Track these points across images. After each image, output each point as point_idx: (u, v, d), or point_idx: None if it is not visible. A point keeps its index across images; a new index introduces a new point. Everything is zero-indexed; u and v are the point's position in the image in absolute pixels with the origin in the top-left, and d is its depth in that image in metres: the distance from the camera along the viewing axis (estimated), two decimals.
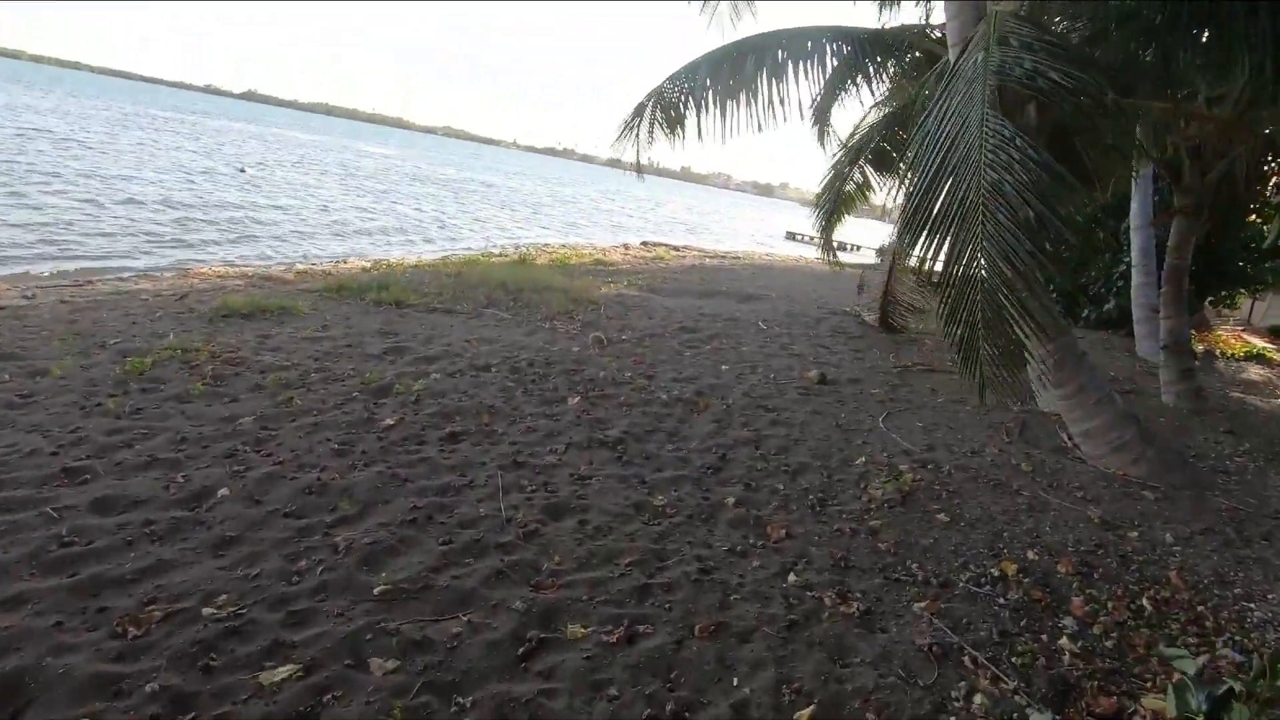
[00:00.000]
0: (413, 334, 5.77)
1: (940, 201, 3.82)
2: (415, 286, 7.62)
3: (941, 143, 3.90)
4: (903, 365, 7.09)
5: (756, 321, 8.34)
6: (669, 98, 7.07)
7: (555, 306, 7.34)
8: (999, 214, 3.42)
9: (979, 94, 3.74)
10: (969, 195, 3.57)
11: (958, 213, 3.70)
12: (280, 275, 7.85)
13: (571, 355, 5.71)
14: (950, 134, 3.86)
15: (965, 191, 3.57)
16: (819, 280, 14.76)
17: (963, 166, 3.66)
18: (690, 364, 5.99)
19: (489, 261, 10.49)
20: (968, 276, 3.67)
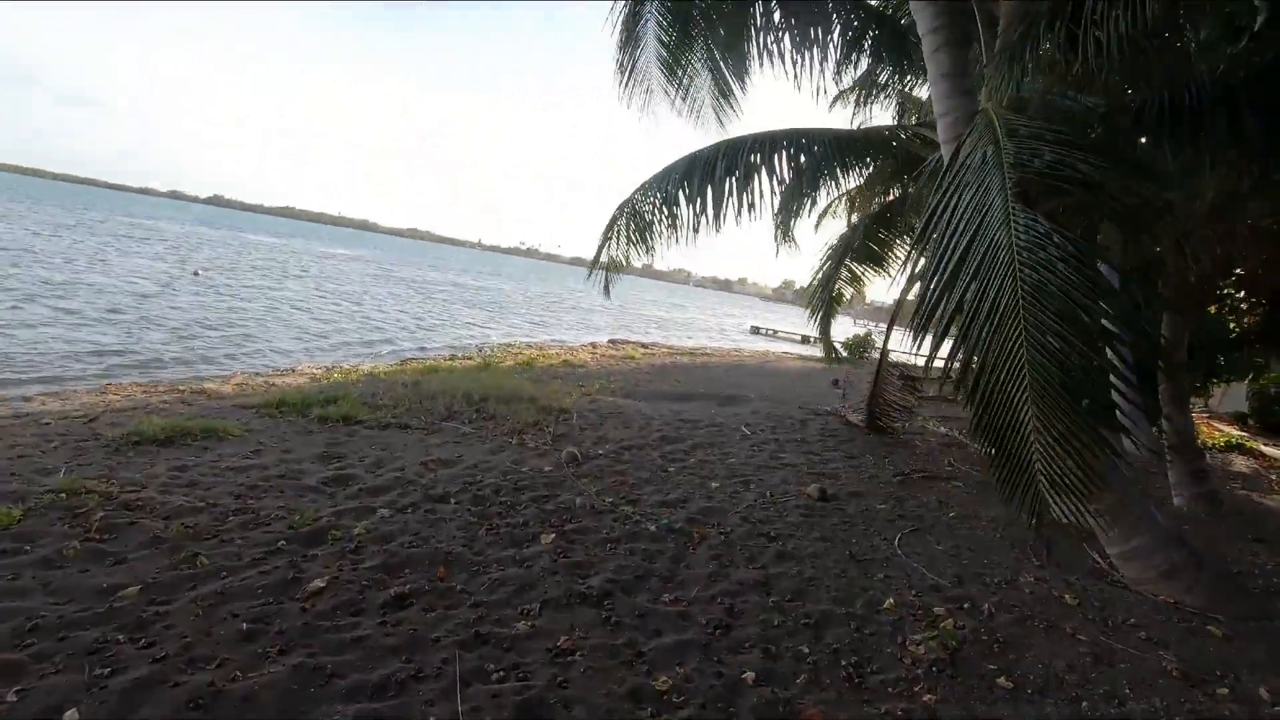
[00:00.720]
0: (360, 457, 5.04)
1: (965, 303, 3.42)
2: (368, 398, 6.92)
3: (955, 243, 3.55)
4: (902, 473, 6.56)
5: (740, 427, 7.80)
6: (640, 209, 6.85)
7: (523, 417, 6.70)
8: (1043, 315, 3.00)
9: (996, 188, 3.42)
10: (1002, 298, 3.17)
11: (990, 318, 3.28)
12: (215, 389, 7.09)
13: (543, 476, 5.03)
14: (965, 232, 3.51)
15: (997, 294, 3.17)
16: (794, 378, 14.46)
17: (989, 267, 3.27)
18: (677, 482, 5.35)
19: (450, 367, 9.86)
20: (1004, 387, 3.21)
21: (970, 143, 3.99)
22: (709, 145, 6.67)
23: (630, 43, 7.01)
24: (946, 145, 4.49)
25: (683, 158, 6.83)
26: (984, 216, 3.45)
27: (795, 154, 6.60)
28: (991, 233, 3.36)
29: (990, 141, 3.71)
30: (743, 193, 6.46)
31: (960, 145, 4.20)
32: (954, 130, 4.41)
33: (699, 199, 6.44)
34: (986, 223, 3.41)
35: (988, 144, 3.74)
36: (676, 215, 6.63)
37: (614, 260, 7.01)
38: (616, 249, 6.98)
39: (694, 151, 6.75)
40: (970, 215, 3.51)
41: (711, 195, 6.42)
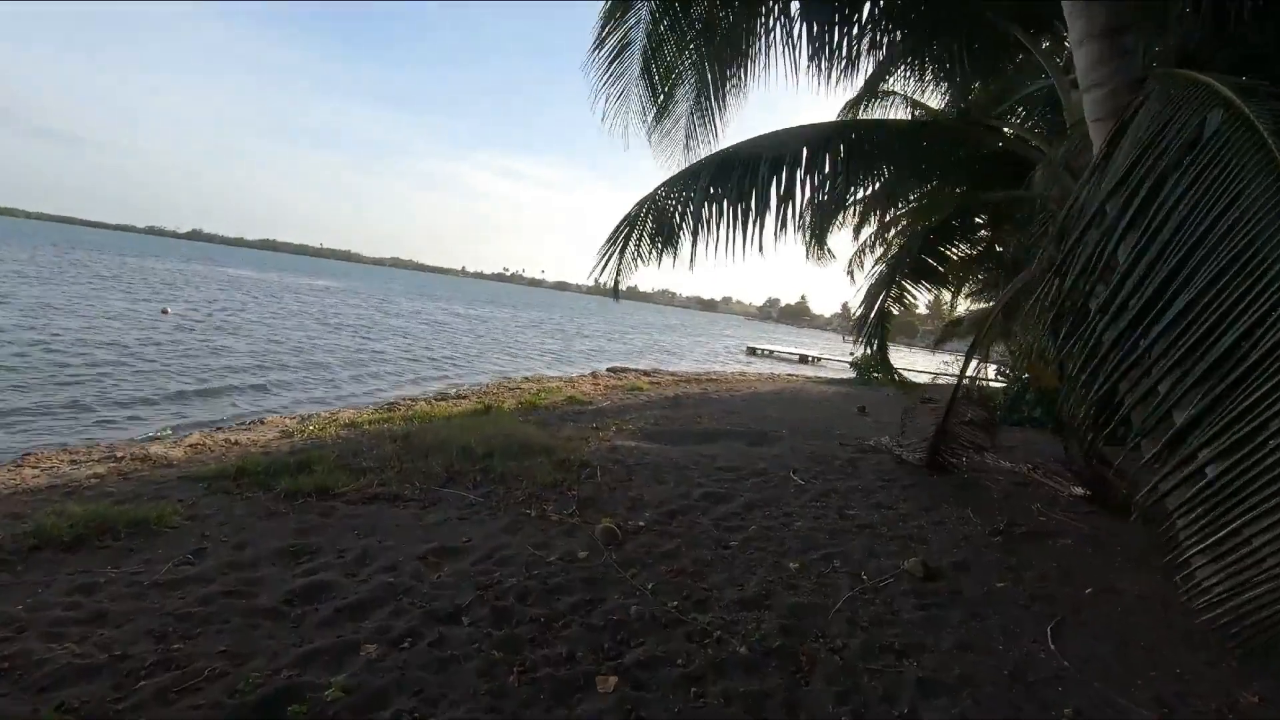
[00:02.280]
0: (338, 551, 3.85)
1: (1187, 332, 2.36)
2: (349, 458, 5.72)
3: (1161, 251, 2.49)
4: (997, 530, 5.45)
5: (787, 473, 6.67)
6: (665, 208, 5.80)
7: (539, 477, 5.53)
8: None
9: (1257, 169, 2.36)
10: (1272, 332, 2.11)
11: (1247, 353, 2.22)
12: (162, 454, 5.85)
13: (579, 567, 3.87)
14: (1183, 237, 2.46)
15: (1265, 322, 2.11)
16: (815, 405, 13.39)
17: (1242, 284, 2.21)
18: (746, 564, 4.20)
19: (446, 412, 8.66)
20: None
21: (1152, 116, 2.95)
22: (745, 141, 5.65)
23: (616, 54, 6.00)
24: (1098, 125, 3.45)
25: (711, 156, 5.81)
26: (1225, 213, 2.38)
27: (844, 150, 5.56)
28: (1246, 236, 2.29)
29: (1210, 105, 2.67)
30: (788, 198, 5.43)
31: (1127, 122, 3.17)
32: (1112, 103, 3.38)
33: (740, 200, 5.40)
34: (1235, 222, 2.34)
35: (1203, 111, 2.69)
36: (708, 219, 5.58)
37: (628, 263, 5.99)
38: (632, 251, 5.94)
39: (728, 149, 5.72)
40: (1193, 213, 2.45)
41: (755, 197, 5.39)
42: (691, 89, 5.75)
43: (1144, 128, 2.95)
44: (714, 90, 5.65)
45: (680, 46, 5.42)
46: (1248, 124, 2.35)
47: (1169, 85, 3.02)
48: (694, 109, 5.89)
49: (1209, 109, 2.60)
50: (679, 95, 5.83)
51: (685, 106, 5.92)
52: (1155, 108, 2.98)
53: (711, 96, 5.70)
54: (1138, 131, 2.99)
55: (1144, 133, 2.90)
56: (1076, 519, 6.08)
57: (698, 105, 5.84)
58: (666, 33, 5.33)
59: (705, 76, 5.56)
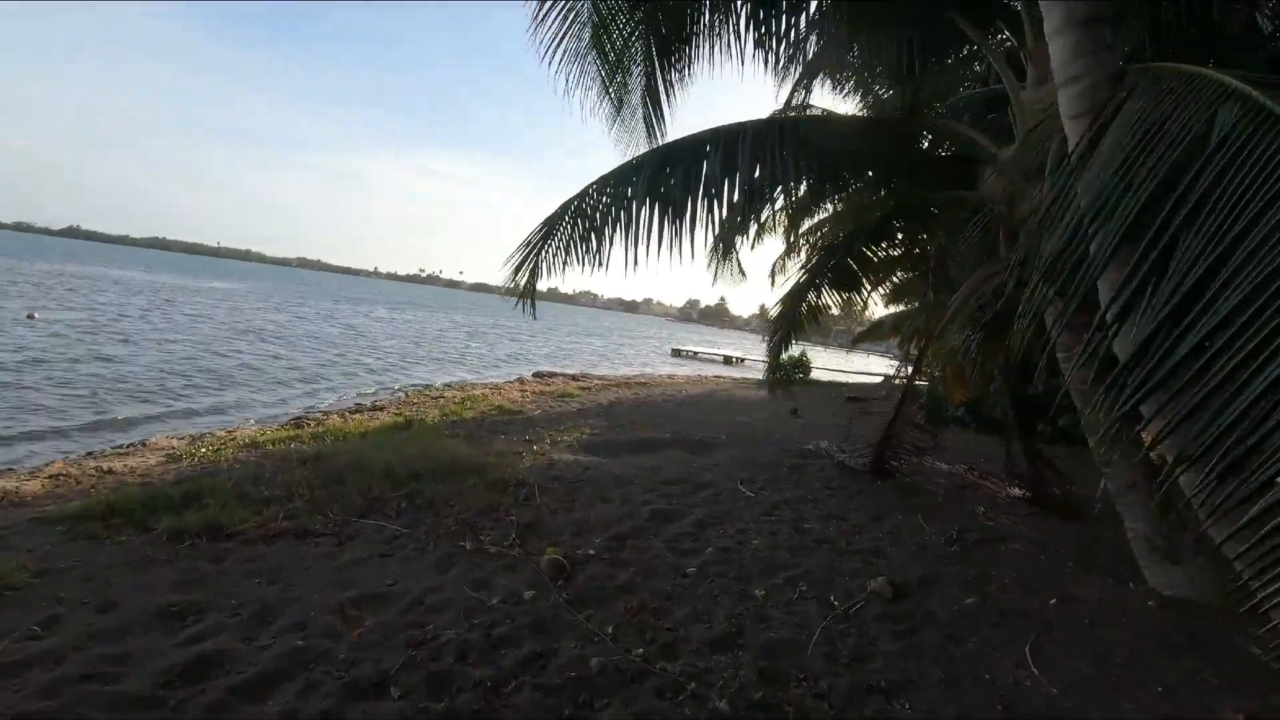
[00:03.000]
0: (232, 609, 3.20)
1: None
2: (248, 487, 4.98)
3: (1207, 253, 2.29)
4: (950, 537, 5.34)
5: (735, 485, 6.38)
6: (593, 208, 5.38)
7: (472, 501, 4.98)
8: None
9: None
10: None
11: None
12: (14, 488, 4.91)
13: (525, 612, 3.38)
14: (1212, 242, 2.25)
15: None
16: (748, 408, 13.29)
17: None
18: (711, 596, 3.83)
19: (362, 427, 7.88)
20: None
21: (1142, 112, 2.78)
22: (684, 137, 5.30)
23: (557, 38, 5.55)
24: (1077, 121, 3.28)
25: (644, 154, 5.43)
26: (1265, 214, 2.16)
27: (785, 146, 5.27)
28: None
29: (1217, 100, 2.49)
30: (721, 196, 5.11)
31: (1110, 119, 3.00)
32: (1091, 98, 3.21)
33: (672, 200, 5.05)
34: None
35: (1208, 106, 2.52)
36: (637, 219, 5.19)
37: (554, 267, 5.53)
38: (554, 254, 5.49)
39: (663, 145, 5.37)
40: (1229, 216, 2.24)
41: (690, 196, 5.05)
42: (639, 80, 5.36)
43: (1134, 125, 2.77)
44: (659, 80, 5.28)
45: (628, 32, 5.02)
46: (1273, 118, 2.17)
47: (1157, 80, 2.86)
48: (643, 101, 5.49)
49: (1217, 104, 2.42)
50: (631, 86, 5.42)
51: (637, 97, 5.51)
52: (1144, 104, 2.82)
53: (658, 87, 5.32)
54: (1127, 129, 2.81)
55: (1137, 130, 2.72)
56: (1019, 521, 6.08)
57: (645, 98, 5.45)
58: (613, 14, 4.91)
59: (651, 65, 5.18)
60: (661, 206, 4.93)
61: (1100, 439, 4.86)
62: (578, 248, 5.14)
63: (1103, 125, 3.05)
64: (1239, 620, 4.06)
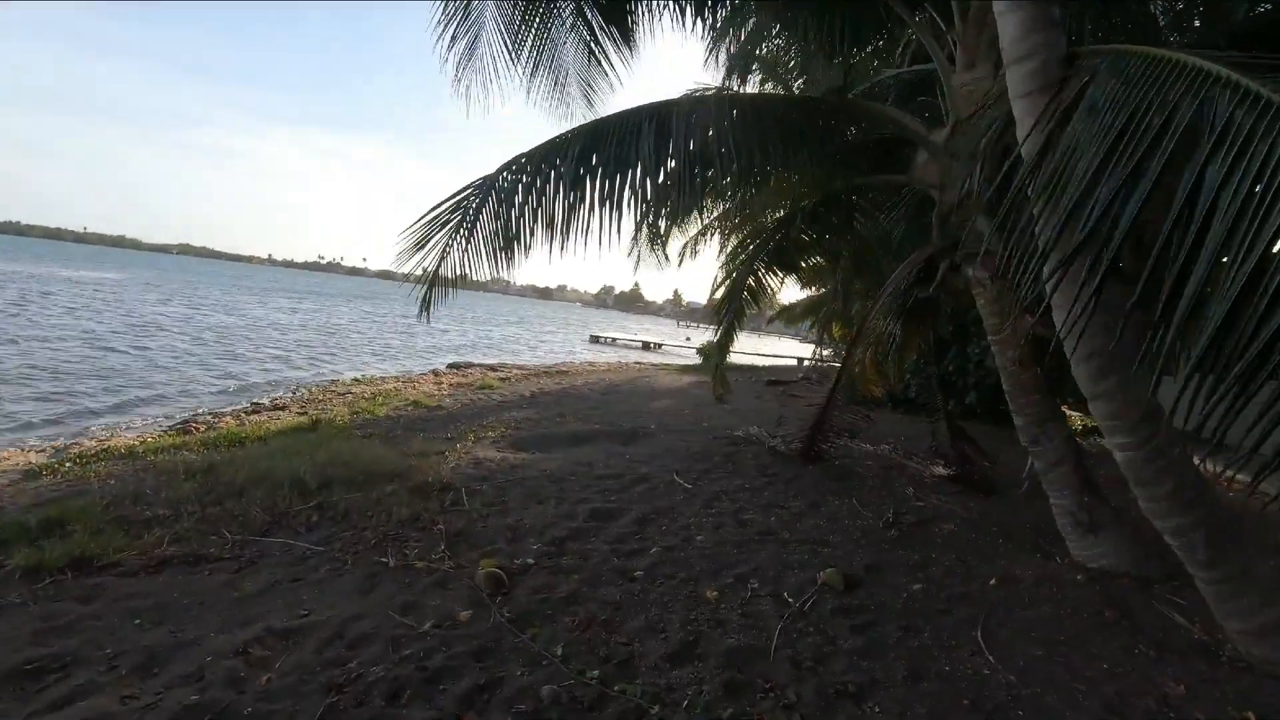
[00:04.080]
0: (107, 661, 2.68)
1: None
2: (125, 507, 4.32)
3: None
4: (888, 522, 5.37)
5: (671, 477, 6.19)
6: (510, 189, 5.01)
7: (393, 511, 4.53)
8: None
9: None
10: None
11: None
12: None
13: (463, 636, 3.04)
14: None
15: None
16: (671, 394, 13.20)
17: None
18: (661, 602, 3.60)
19: (260, 430, 7.13)
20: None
21: (1112, 95, 2.72)
22: (618, 112, 5.01)
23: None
24: (1027, 100, 3.22)
25: (574, 129, 5.09)
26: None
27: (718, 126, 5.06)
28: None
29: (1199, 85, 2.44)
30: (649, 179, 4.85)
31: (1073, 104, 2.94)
32: (1043, 77, 3.15)
33: (602, 181, 4.76)
34: None
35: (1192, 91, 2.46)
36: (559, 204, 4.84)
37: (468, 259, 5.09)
38: (464, 246, 5.04)
39: (593, 121, 5.05)
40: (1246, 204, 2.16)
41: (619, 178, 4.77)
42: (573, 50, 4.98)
43: (1105, 113, 2.70)
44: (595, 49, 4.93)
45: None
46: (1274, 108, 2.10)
47: (1123, 62, 2.81)
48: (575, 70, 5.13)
49: (1201, 89, 2.37)
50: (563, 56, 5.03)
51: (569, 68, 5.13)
52: (1113, 87, 2.75)
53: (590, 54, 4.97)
54: (1096, 117, 2.74)
55: (1109, 119, 2.65)
56: (948, 500, 6.22)
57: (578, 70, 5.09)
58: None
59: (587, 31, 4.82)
60: (589, 186, 4.61)
61: (1031, 419, 4.99)
62: (492, 233, 4.73)
63: (1065, 111, 2.99)
64: (1157, 589, 4.26)
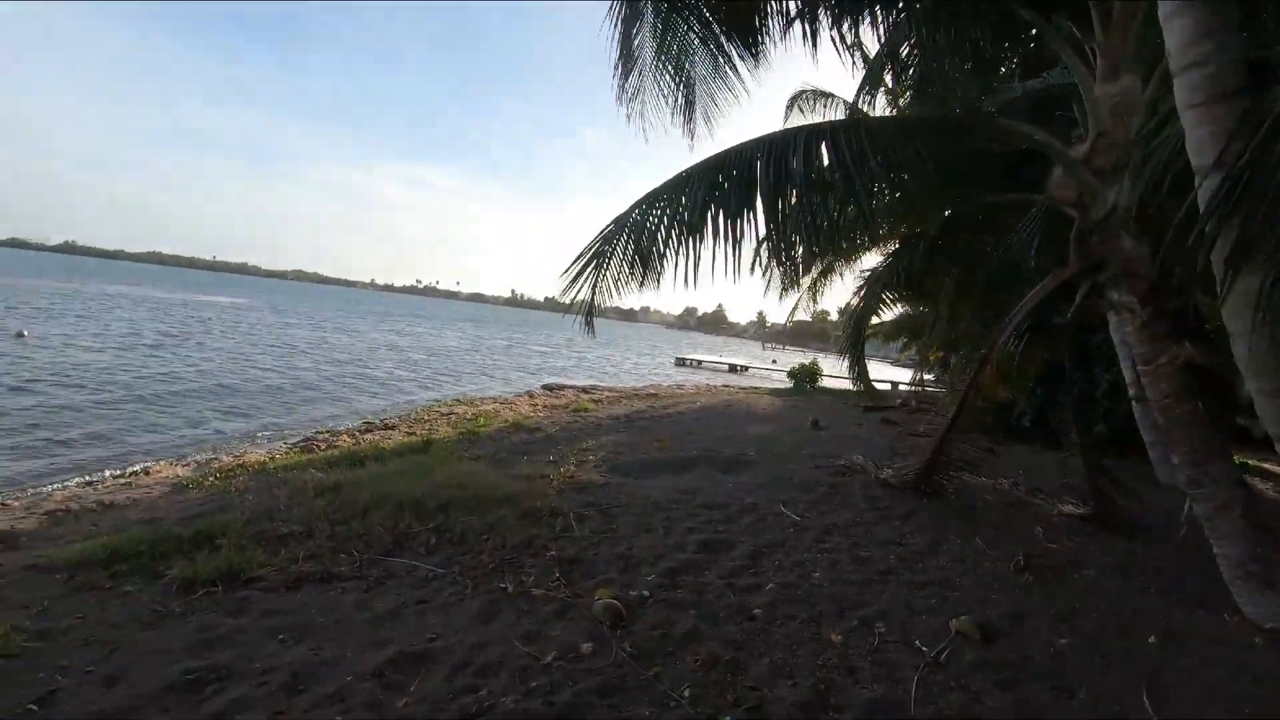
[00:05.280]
0: (258, 676, 2.80)
1: None
2: (263, 522, 4.59)
3: None
4: (1017, 563, 4.96)
5: (778, 508, 5.99)
6: (645, 223, 5.03)
7: (507, 536, 4.59)
8: None
9: None
10: None
11: None
12: (9, 527, 4.52)
13: (587, 671, 2.99)
14: None
15: None
16: (765, 419, 12.90)
17: None
18: (784, 643, 3.43)
19: (377, 448, 7.48)
20: None
21: None
22: (741, 143, 4.94)
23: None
24: (1200, 110, 2.92)
25: (698, 164, 5.06)
26: None
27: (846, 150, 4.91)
28: None
29: None
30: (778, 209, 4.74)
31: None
32: (1217, 86, 2.85)
33: (731, 215, 4.68)
34: None
35: None
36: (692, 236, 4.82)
37: (606, 288, 5.17)
38: (604, 279, 5.13)
39: (719, 153, 5.00)
40: None
41: (746, 210, 4.69)
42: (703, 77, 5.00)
43: None
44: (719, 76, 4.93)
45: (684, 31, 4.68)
46: None
47: None
48: (706, 103, 5.14)
49: None
50: (694, 84, 5.05)
51: (700, 96, 5.15)
52: None
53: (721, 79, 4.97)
54: None
55: None
56: (1085, 543, 5.70)
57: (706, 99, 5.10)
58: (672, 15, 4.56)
59: (714, 60, 4.83)
60: (711, 222, 4.57)
61: (1190, 457, 4.49)
62: (627, 266, 4.79)
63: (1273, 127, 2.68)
64: None
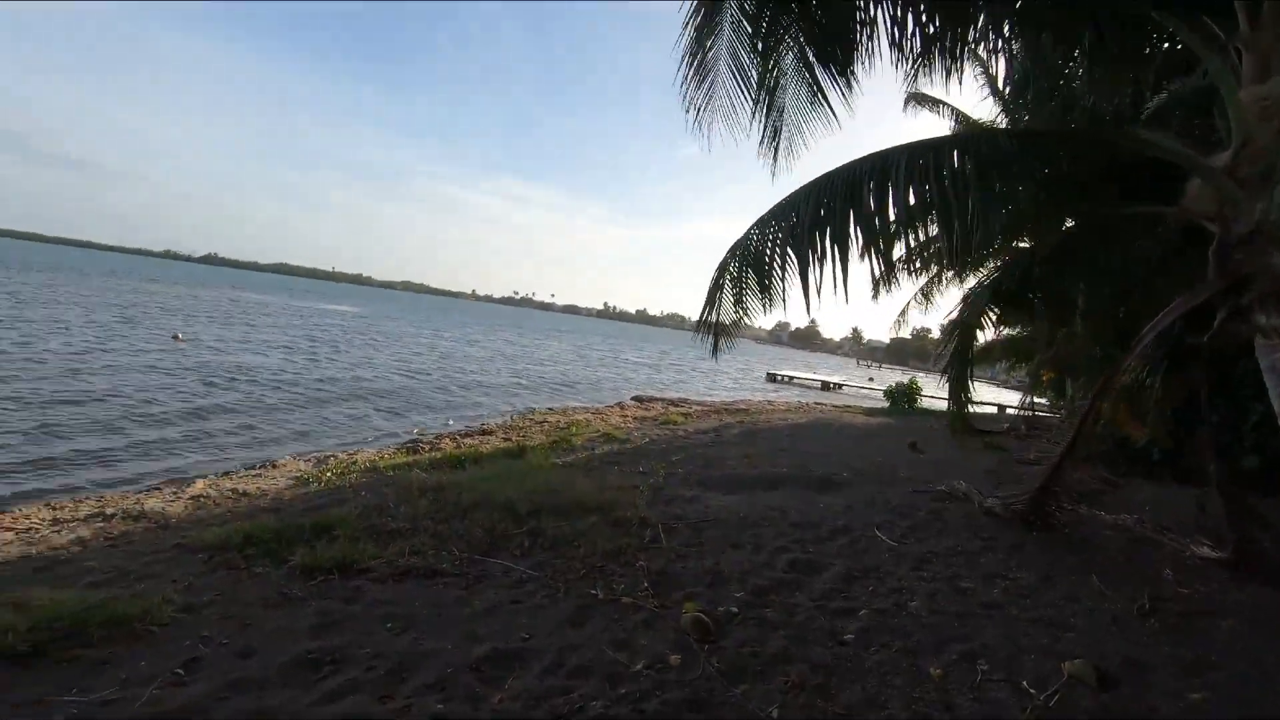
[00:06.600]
0: (367, 661, 3.01)
1: None
2: (373, 516, 4.92)
3: None
4: (1142, 607, 4.55)
5: (872, 531, 5.80)
6: (759, 249, 5.05)
7: (598, 543, 4.69)
8: None
9: None
10: None
11: None
12: (159, 509, 5.07)
13: (676, 683, 3.01)
14: None
15: None
16: (860, 439, 12.50)
17: None
18: (876, 672, 3.32)
19: (475, 452, 7.84)
20: None
21: None
22: (847, 164, 4.87)
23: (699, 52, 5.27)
24: None
25: (805, 186, 5.03)
26: None
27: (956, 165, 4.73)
28: None
29: None
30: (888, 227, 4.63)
31: None
32: None
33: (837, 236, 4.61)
34: None
35: None
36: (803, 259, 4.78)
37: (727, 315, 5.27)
38: (725, 304, 5.25)
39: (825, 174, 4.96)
40: None
41: (856, 230, 4.60)
42: (794, 99, 4.99)
43: None
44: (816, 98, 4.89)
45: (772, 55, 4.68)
46: None
47: None
48: (795, 123, 5.13)
49: None
50: (782, 109, 5.05)
51: (789, 119, 5.14)
52: None
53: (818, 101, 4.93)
54: None
55: None
56: (1223, 589, 5.16)
57: (797, 119, 5.08)
58: (754, 41, 4.59)
59: (805, 82, 4.80)
60: (818, 242, 4.52)
61: None
62: (746, 286, 4.87)
63: None
64: None
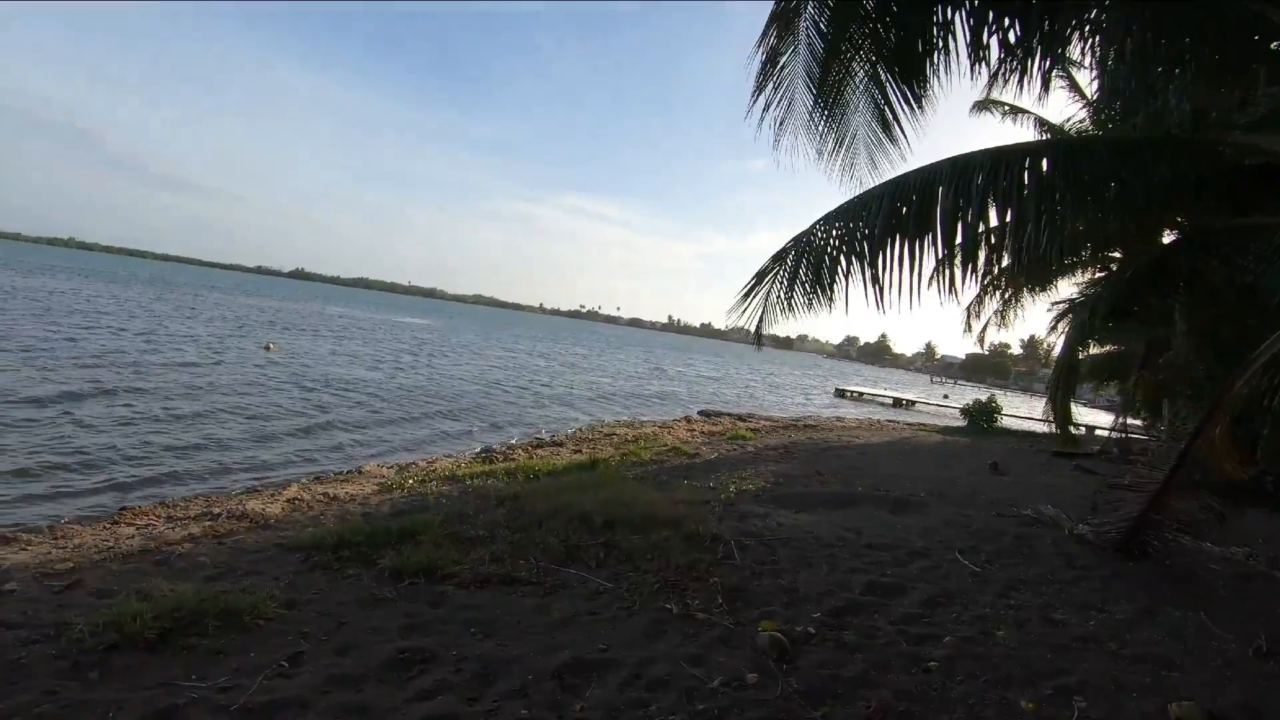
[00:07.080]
0: (455, 663, 3.12)
1: None
2: (454, 523, 5.10)
3: None
4: (1258, 647, 4.21)
5: (954, 555, 5.59)
6: (821, 247, 4.99)
7: (672, 558, 4.71)
8: None
9: None
10: None
11: None
12: (260, 510, 5.42)
13: (753, 702, 2.99)
14: None
15: None
16: (941, 459, 12.06)
17: None
18: (964, 703, 3.18)
19: (550, 464, 8.02)
20: None
21: None
22: (921, 167, 4.78)
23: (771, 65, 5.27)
24: None
25: (877, 187, 4.96)
26: None
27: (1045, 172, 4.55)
28: None
29: None
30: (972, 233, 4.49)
31: None
32: None
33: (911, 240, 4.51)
34: None
35: None
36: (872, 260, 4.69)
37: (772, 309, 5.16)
38: (779, 296, 5.11)
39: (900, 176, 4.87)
40: None
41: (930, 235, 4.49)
42: (864, 111, 4.94)
43: None
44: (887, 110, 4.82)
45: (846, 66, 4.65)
46: None
47: None
48: (867, 132, 5.08)
49: None
50: (850, 118, 5.02)
51: (858, 129, 5.09)
52: None
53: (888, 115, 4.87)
54: None
55: None
56: None
57: (869, 128, 5.03)
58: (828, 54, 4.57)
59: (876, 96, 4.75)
60: (890, 245, 4.45)
61: None
62: (806, 290, 4.79)
63: None
64: None
